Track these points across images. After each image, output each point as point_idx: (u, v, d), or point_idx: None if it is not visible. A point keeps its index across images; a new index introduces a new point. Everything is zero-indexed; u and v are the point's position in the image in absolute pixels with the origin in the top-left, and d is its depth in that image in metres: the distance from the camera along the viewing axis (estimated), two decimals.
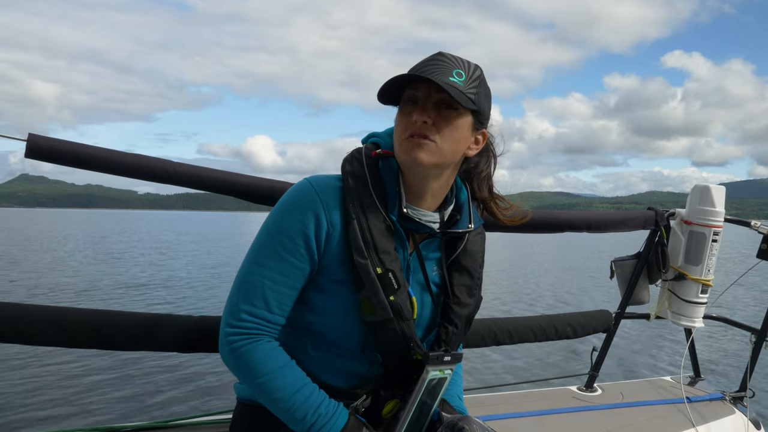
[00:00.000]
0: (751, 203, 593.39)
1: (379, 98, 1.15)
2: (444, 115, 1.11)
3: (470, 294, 1.26)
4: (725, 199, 2.36)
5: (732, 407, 2.47)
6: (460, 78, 1.11)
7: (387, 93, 1.14)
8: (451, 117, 1.12)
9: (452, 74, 1.10)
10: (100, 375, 6.38)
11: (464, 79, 1.11)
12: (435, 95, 1.11)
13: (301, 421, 1.11)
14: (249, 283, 1.13)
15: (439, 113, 1.11)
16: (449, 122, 1.12)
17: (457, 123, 1.13)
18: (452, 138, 1.13)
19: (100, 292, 13.44)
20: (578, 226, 2.19)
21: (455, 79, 1.10)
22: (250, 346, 1.12)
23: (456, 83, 1.09)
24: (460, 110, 1.12)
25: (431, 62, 1.12)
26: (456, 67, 1.12)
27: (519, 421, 2.06)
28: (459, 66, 1.12)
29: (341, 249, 1.13)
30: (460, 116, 1.13)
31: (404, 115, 1.14)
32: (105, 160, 1.41)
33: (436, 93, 1.10)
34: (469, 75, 1.13)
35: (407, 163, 1.14)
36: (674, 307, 2.40)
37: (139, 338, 1.42)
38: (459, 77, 1.11)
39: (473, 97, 1.12)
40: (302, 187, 1.16)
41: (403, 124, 1.13)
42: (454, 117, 1.12)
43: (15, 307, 1.33)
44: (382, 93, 1.13)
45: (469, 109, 1.12)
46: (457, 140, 1.14)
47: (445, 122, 1.12)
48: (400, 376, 1.22)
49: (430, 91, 1.11)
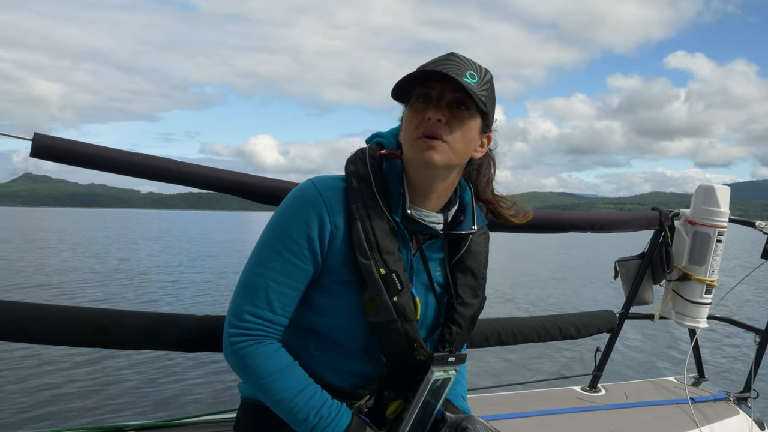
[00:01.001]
0: (755, 204, 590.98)
1: (392, 94, 1.14)
2: (457, 114, 1.11)
3: (474, 294, 1.26)
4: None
5: (736, 408, 2.46)
6: (473, 80, 1.10)
7: (401, 89, 1.13)
8: (464, 117, 1.12)
9: (466, 75, 1.09)
10: (105, 373, 6.41)
11: (477, 81, 1.11)
12: (449, 94, 1.10)
13: (304, 422, 1.11)
14: (252, 284, 1.13)
15: (452, 113, 1.11)
16: (462, 122, 1.11)
17: (469, 124, 1.13)
18: (464, 139, 1.13)
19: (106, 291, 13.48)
20: (582, 226, 2.19)
21: (469, 80, 1.09)
22: (252, 348, 1.12)
23: (470, 84, 1.09)
24: (472, 111, 1.12)
25: (445, 61, 1.10)
26: (469, 69, 1.11)
27: (523, 421, 2.06)
28: (472, 68, 1.11)
29: (345, 250, 1.13)
30: (471, 118, 1.12)
31: (416, 113, 1.12)
32: (109, 160, 1.41)
33: (450, 92, 1.10)
34: (481, 78, 1.12)
35: (419, 163, 1.13)
36: (678, 307, 2.39)
37: (144, 338, 1.43)
38: (472, 78, 1.10)
39: (484, 100, 1.11)
40: (306, 188, 1.16)
41: (416, 121, 1.12)
42: (467, 118, 1.12)
43: (21, 306, 1.34)
44: (397, 89, 1.12)
45: (480, 111, 1.12)
46: (468, 141, 1.14)
47: (458, 122, 1.11)
48: (403, 376, 1.22)
49: (444, 89, 1.10)
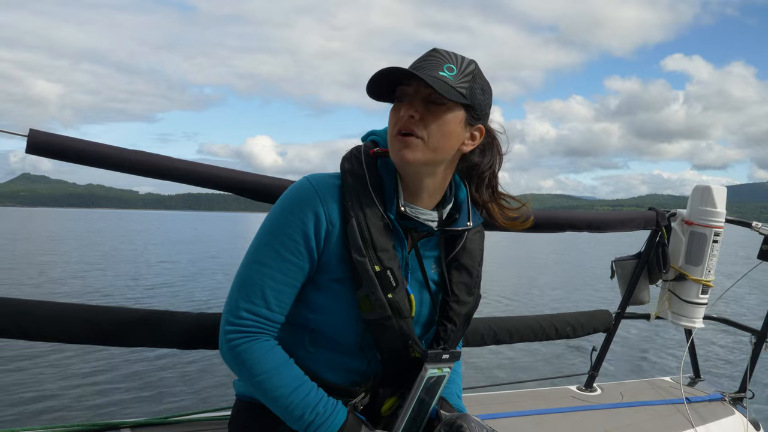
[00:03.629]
0: (752, 206, 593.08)
1: (369, 94, 1.13)
2: (432, 110, 1.11)
3: (469, 292, 1.26)
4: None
5: (731, 408, 2.47)
6: (450, 72, 1.10)
7: (380, 90, 1.13)
8: (439, 112, 1.11)
9: (443, 69, 1.10)
10: (100, 370, 6.39)
11: (455, 74, 1.11)
12: (423, 90, 1.10)
13: (299, 419, 1.11)
14: (249, 281, 1.13)
15: (427, 108, 1.11)
16: (437, 117, 1.11)
17: (445, 118, 1.12)
18: (441, 133, 1.12)
19: (101, 289, 13.46)
20: (579, 225, 2.19)
21: (445, 74, 1.09)
22: (248, 345, 1.12)
23: (446, 77, 1.09)
24: (449, 104, 1.11)
25: (424, 59, 1.12)
26: (447, 62, 1.11)
27: (518, 420, 2.06)
28: (450, 61, 1.12)
29: (340, 247, 1.13)
30: (449, 110, 1.11)
31: (394, 112, 1.14)
32: (105, 156, 1.40)
33: (425, 88, 1.10)
34: (461, 69, 1.12)
35: (397, 162, 1.15)
36: (674, 307, 2.40)
37: (139, 335, 1.42)
38: (450, 72, 1.10)
39: (464, 92, 1.11)
40: (301, 186, 1.16)
41: (393, 119, 1.14)
42: (443, 111, 1.11)
43: (16, 302, 1.34)
44: (371, 88, 1.12)
45: (460, 103, 1.11)
46: (446, 135, 1.13)
47: (433, 117, 1.11)
48: (398, 373, 1.22)
49: (418, 86, 1.11)
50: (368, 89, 1.12)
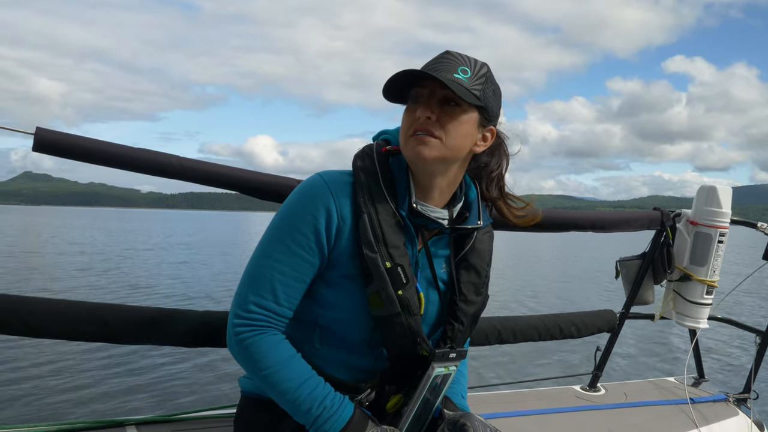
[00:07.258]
0: (753, 208, 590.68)
1: (385, 95, 1.16)
2: (448, 111, 1.13)
3: (477, 292, 1.27)
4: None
5: (736, 409, 2.46)
6: (465, 75, 1.12)
7: (393, 91, 1.15)
8: (455, 113, 1.13)
9: (457, 71, 1.12)
10: (106, 368, 6.41)
11: (469, 76, 1.13)
12: (439, 92, 1.12)
13: (306, 413, 1.11)
14: (258, 275, 1.14)
15: (443, 109, 1.13)
16: (453, 118, 1.13)
17: (461, 119, 1.14)
18: (456, 133, 1.14)
19: (107, 286, 13.50)
20: (583, 225, 2.19)
21: (460, 76, 1.11)
22: (256, 338, 1.13)
23: (460, 80, 1.11)
24: (464, 106, 1.13)
25: (438, 60, 1.14)
26: (461, 65, 1.13)
27: (521, 420, 2.06)
28: (464, 63, 1.14)
29: (351, 243, 1.14)
30: (464, 112, 1.14)
31: (409, 113, 1.16)
32: (111, 154, 1.40)
33: (440, 90, 1.12)
34: (475, 72, 1.14)
35: (412, 159, 1.16)
36: (679, 307, 2.39)
37: (145, 332, 1.43)
38: (464, 74, 1.12)
39: (478, 94, 1.13)
40: (314, 181, 1.17)
41: (408, 120, 1.15)
42: (458, 113, 1.13)
43: (22, 299, 1.34)
44: (387, 89, 1.14)
45: (474, 105, 1.13)
46: (461, 136, 1.15)
47: (449, 118, 1.13)
48: (405, 371, 1.22)
49: (434, 88, 1.12)
50: (385, 90, 1.14)
